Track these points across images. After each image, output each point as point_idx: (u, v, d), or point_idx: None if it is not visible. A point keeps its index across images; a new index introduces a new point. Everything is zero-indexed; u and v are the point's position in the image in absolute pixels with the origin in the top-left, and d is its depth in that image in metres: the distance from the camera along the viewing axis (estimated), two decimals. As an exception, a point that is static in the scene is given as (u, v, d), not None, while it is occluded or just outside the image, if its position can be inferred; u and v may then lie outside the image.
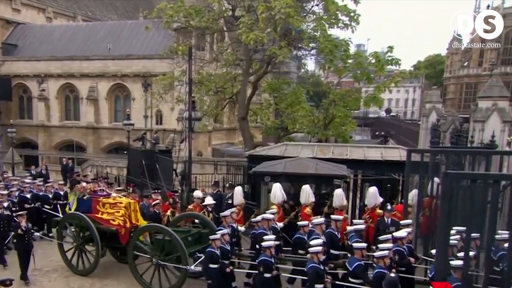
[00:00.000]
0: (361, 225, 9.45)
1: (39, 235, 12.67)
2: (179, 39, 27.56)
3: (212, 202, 11.42)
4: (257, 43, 18.72)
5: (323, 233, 9.09)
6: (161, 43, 31.95)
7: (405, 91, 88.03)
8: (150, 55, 32.97)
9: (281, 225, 10.41)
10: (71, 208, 11.35)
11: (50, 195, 13.95)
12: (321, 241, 8.26)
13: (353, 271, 7.63)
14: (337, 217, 9.62)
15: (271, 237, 8.70)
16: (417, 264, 8.41)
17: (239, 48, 22.26)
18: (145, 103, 32.17)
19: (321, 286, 7.69)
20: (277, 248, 8.83)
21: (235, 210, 10.72)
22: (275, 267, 8.39)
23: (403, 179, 12.04)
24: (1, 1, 38.43)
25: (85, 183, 12.43)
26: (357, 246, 7.92)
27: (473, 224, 6.34)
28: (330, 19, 19.80)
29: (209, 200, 11.51)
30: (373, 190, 11.25)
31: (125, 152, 25.88)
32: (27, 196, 13.63)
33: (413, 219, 9.76)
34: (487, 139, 13.29)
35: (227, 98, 24.71)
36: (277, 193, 11.30)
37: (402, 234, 8.37)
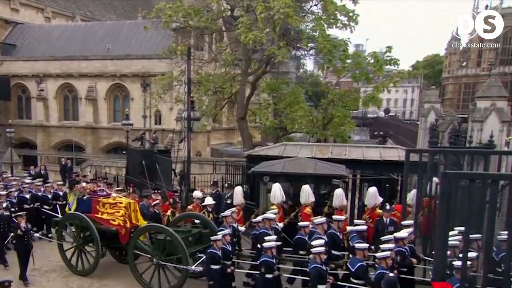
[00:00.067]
0: (363, 226, 9.42)
1: (37, 235, 12.64)
2: (178, 39, 27.61)
3: (212, 202, 11.40)
4: (256, 43, 18.74)
5: (325, 233, 9.08)
6: (160, 43, 31.90)
7: (404, 91, 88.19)
8: (149, 55, 32.93)
9: (281, 226, 10.41)
10: (71, 208, 11.34)
11: (49, 196, 13.92)
12: (323, 242, 8.22)
13: (356, 271, 7.58)
14: (338, 218, 9.62)
15: (272, 237, 8.69)
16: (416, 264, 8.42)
17: (238, 48, 22.27)
18: (144, 103, 32.04)
19: (324, 286, 7.66)
20: (278, 248, 8.80)
21: (235, 210, 10.70)
22: (277, 267, 8.38)
23: (402, 179, 12.04)
24: (0, 1, 38.35)
25: (85, 183, 12.43)
26: (359, 246, 7.90)
27: (471, 224, 6.35)
28: (329, 19, 19.85)
29: (209, 200, 11.48)
30: (373, 190, 11.22)
31: (124, 152, 25.94)
32: (26, 196, 13.58)
33: (412, 219, 9.77)
34: (485, 139, 13.32)
35: (226, 98, 24.71)
36: (276, 193, 11.29)
37: (403, 234, 8.36)
